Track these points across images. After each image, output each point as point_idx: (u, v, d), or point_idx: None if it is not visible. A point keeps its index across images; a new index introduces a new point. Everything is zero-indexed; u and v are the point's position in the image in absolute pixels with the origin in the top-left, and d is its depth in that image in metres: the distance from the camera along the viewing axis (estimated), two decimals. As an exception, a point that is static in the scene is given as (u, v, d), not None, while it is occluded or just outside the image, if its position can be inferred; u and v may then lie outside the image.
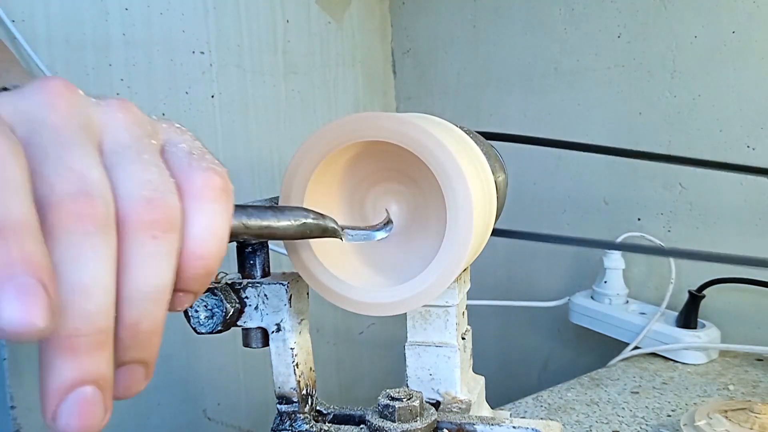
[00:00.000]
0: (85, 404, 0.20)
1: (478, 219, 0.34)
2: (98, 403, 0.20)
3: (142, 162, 0.22)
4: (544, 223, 1.04)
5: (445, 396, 0.43)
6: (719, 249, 0.83)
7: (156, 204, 0.21)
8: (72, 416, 0.19)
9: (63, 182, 0.19)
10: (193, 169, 0.23)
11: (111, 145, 0.22)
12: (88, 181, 0.20)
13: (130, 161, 0.21)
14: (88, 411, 0.20)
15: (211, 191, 0.23)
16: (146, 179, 0.21)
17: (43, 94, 0.21)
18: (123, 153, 0.22)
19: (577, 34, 0.98)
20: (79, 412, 0.20)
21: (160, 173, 0.22)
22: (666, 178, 0.90)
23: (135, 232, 0.21)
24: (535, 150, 0.84)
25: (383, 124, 0.33)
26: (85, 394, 0.20)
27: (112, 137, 0.22)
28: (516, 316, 1.12)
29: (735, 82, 0.83)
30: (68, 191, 0.19)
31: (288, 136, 1.10)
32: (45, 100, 0.21)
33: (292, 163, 0.35)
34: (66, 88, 0.21)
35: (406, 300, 0.35)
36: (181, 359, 0.98)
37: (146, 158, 0.22)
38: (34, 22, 0.82)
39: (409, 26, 1.24)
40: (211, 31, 0.99)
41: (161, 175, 0.22)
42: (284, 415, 0.40)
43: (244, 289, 0.38)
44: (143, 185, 0.21)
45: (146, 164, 0.22)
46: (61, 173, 0.19)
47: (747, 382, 0.73)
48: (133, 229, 0.21)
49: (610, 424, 0.65)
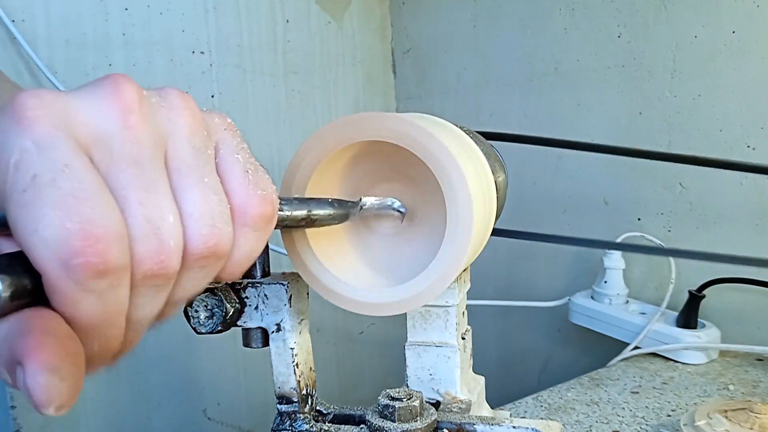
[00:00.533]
0: None
1: (478, 219, 0.34)
2: None
3: (204, 187, 0.23)
4: (544, 223, 1.04)
5: (445, 396, 0.43)
6: (719, 249, 0.83)
7: (214, 241, 0.22)
8: None
9: (143, 239, 0.20)
10: (250, 196, 0.24)
11: (175, 162, 0.22)
12: (165, 239, 0.21)
13: (192, 186, 0.22)
14: None
15: (260, 220, 0.24)
16: (206, 211, 0.22)
17: (116, 107, 0.21)
18: (186, 174, 0.22)
19: (577, 34, 0.98)
20: None
21: (219, 202, 0.23)
22: (666, 178, 0.90)
23: (190, 265, 0.22)
24: (535, 150, 0.84)
25: (383, 124, 0.33)
26: None
27: (176, 152, 0.23)
28: (516, 316, 1.12)
29: (735, 82, 0.83)
30: (147, 250, 0.21)
31: (288, 136, 1.10)
32: (118, 117, 0.21)
33: (292, 163, 0.35)
34: (138, 97, 0.21)
35: (406, 300, 0.35)
36: (181, 359, 0.98)
37: (207, 182, 0.23)
38: (34, 22, 0.82)
39: (409, 26, 1.24)
40: (211, 31, 0.99)
41: (220, 204, 0.23)
42: (284, 415, 0.40)
43: (244, 289, 0.38)
44: (203, 219, 0.22)
45: (207, 192, 0.23)
46: (141, 224, 0.20)
47: (747, 382, 0.73)
48: (188, 264, 0.22)
49: (610, 424, 0.65)
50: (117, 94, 0.21)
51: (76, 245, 0.18)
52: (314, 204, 0.30)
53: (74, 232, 0.18)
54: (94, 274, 0.19)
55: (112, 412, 0.91)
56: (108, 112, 0.21)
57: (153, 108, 0.22)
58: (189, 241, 0.22)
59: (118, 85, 0.21)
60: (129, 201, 0.20)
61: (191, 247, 0.22)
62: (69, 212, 0.18)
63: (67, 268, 0.18)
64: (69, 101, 0.20)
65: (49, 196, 0.18)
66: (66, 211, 0.18)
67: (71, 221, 0.18)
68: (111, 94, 0.21)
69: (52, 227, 0.18)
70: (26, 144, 0.19)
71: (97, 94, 0.21)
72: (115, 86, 0.21)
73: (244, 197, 0.24)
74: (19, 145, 0.19)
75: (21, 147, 0.19)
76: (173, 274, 0.21)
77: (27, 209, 0.18)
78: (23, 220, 0.18)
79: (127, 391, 0.93)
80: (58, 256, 0.18)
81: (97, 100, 0.21)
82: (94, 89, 0.21)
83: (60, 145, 0.19)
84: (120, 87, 0.21)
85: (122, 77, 0.21)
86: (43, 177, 0.18)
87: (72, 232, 0.18)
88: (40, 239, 0.18)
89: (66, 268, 0.18)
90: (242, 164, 0.24)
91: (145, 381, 0.95)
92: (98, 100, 0.21)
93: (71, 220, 0.18)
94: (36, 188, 0.18)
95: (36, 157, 0.19)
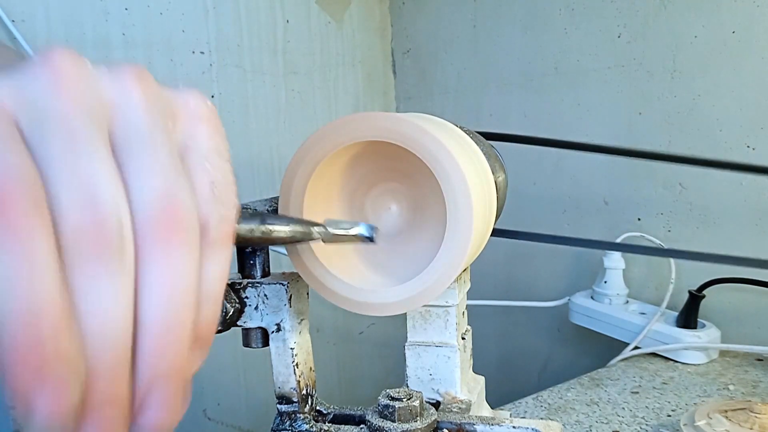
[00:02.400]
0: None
1: (478, 219, 0.34)
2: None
3: (157, 163, 0.20)
4: (544, 223, 1.04)
5: (445, 396, 0.43)
6: (719, 249, 0.83)
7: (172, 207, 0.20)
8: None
9: (72, 202, 0.19)
10: (209, 213, 0.22)
11: (123, 131, 0.20)
12: (100, 200, 0.19)
13: (143, 160, 0.20)
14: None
15: (219, 239, 0.22)
16: (162, 185, 0.20)
17: (48, 73, 0.20)
18: (138, 148, 0.20)
19: (577, 34, 0.98)
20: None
21: (178, 177, 0.21)
22: (666, 178, 0.90)
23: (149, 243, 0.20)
24: (535, 150, 0.84)
25: (383, 124, 0.33)
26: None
27: (125, 121, 0.21)
28: (516, 316, 1.12)
29: (735, 82, 0.83)
30: (78, 218, 0.18)
31: (288, 136, 1.10)
32: (50, 82, 0.20)
33: (292, 163, 0.35)
34: (72, 64, 0.20)
35: (406, 300, 0.35)
36: (181, 359, 0.98)
37: (161, 159, 0.21)
38: (34, 22, 0.82)
39: (409, 26, 1.24)
40: (211, 31, 0.99)
41: (179, 181, 0.21)
42: (284, 415, 0.40)
43: (244, 289, 0.38)
44: (158, 191, 0.20)
45: (165, 166, 0.20)
46: (70, 187, 0.19)
47: (747, 382, 0.73)
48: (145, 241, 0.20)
49: (610, 424, 0.65)
50: (49, 59, 0.20)
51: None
52: (270, 219, 0.27)
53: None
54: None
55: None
56: (39, 77, 0.20)
57: (97, 76, 0.21)
58: (142, 214, 0.20)
59: (51, 53, 0.20)
60: (55, 162, 0.19)
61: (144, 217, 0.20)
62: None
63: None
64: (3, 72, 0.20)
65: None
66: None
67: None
68: (43, 62, 0.20)
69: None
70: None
71: (31, 63, 0.20)
72: (49, 55, 0.20)
73: (204, 212, 0.21)
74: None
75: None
76: (117, 249, 0.19)
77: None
78: None
79: (127, 391, 0.93)
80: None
81: (30, 69, 0.20)
82: (32, 61, 0.20)
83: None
84: (53, 54, 0.20)
85: (62, 49, 0.20)
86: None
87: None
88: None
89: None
90: (209, 176, 0.22)
91: (145, 381, 0.94)
92: (30, 69, 0.20)
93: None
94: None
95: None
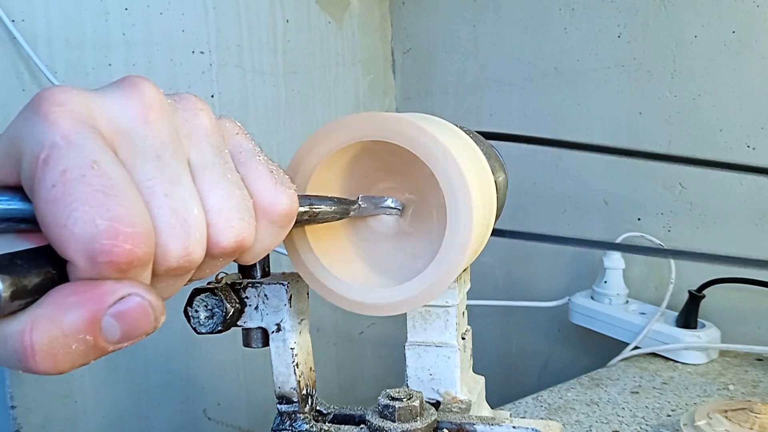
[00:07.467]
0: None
1: (478, 219, 0.34)
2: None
3: (227, 183, 0.23)
4: (544, 223, 1.04)
5: (445, 396, 0.43)
6: (719, 249, 0.83)
7: (244, 234, 0.23)
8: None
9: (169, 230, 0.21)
10: (279, 194, 0.25)
11: (197, 159, 0.23)
12: (191, 231, 0.21)
13: (217, 182, 0.23)
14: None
15: (286, 217, 0.25)
16: (234, 206, 0.23)
17: (137, 103, 0.22)
18: (210, 171, 0.23)
19: (577, 34, 0.98)
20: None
21: (243, 197, 0.24)
22: (666, 178, 0.90)
23: (215, 256, 0.23)
24: (535, 150, 0.84)
25: (383, 124, 0.33)
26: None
27: (197, 150, 0.23)
28: (516, 316, 1.12)
29: (735, 82, 0.83)
30: (173, 242, 0.21)
31: (288, 136, 1.10)
32: (139, 113, 0.21)
33: (292, 163, 0.35)
34: (157, 96, 0.22)
35: (406, 300, 0.34)
36: (181, 359, 0.98)
37: (230, 178, 0.24)
38: (34, 22, 0.82)
39: (409, 26, 1.24)
40: (211, 31, 0.99)
41: (244, 200, 0.24)
42: (284, 415, 0.40)
43: (244, 289, 0.38)
44: (232, 213, 0.23)
45: (231, 187, 0.23)
46: (167, 216, 0.21)
47: (747, 382, 0.73)
48: (213, 255, 0.23)
49: (610, 424, 0.65)
50: (137, 91, 0.22)
51: (104, 243, 0.19)
52: (315, 200, 0.31)
53: (103, 229, 0.18)
54: (118, 271, 0.19)
55: (112, 411, 0.91)
56: (129, 107, 0.21)
57: (171, 108, 0.23)
58: (216, 234, 0.22)
59: (138, 83, 0.22)
60: (155, 193, 0.21)
61: (220, 239, 0.23)
62: (99, 209, 0.19)
63: (94, 264, 0.19)
64: (92, 97, 0.21)
65: (79, 191, 0.18)
66: (96, 207, 0.19)
67: (101, 218, 0.18)
68: (132, 92, 0.22)
69: (81, 223, 0.18)
70: (55, 139, 0.19)
71: (119, 91, 0.22)
72: (136, 84, 0.22)
73: (273, 195, 0.25)
74: (49, 139, 0.19)
75: (50, 142, 0.19)
76: (196, 265, 0.22)
77: (56, 204, 0.18)
78: (52, 214, 0.19)
79: (127, 391, 0.93)
80: (87, 251, 0.19)
81: (119, 97, 0.22)
82: (115, 88, 0.22)
83: (88, 141, 0.19)
84: (140, 85, 0.22)
85: (141, 78, 0.22)
86: (72, 172, 0.19)
87: (101, 230, 0.18)
88: (70, 234, 0.18)
89: (93, 264, 0.19)
90: (266, 165, 0.26)
91: (145, 381, 0.95)
92: (120, 97, 0.22)
93: (101, 217, 0.18)
94: (65, 183, 0.18)
95: (65, 152, 0.19)
